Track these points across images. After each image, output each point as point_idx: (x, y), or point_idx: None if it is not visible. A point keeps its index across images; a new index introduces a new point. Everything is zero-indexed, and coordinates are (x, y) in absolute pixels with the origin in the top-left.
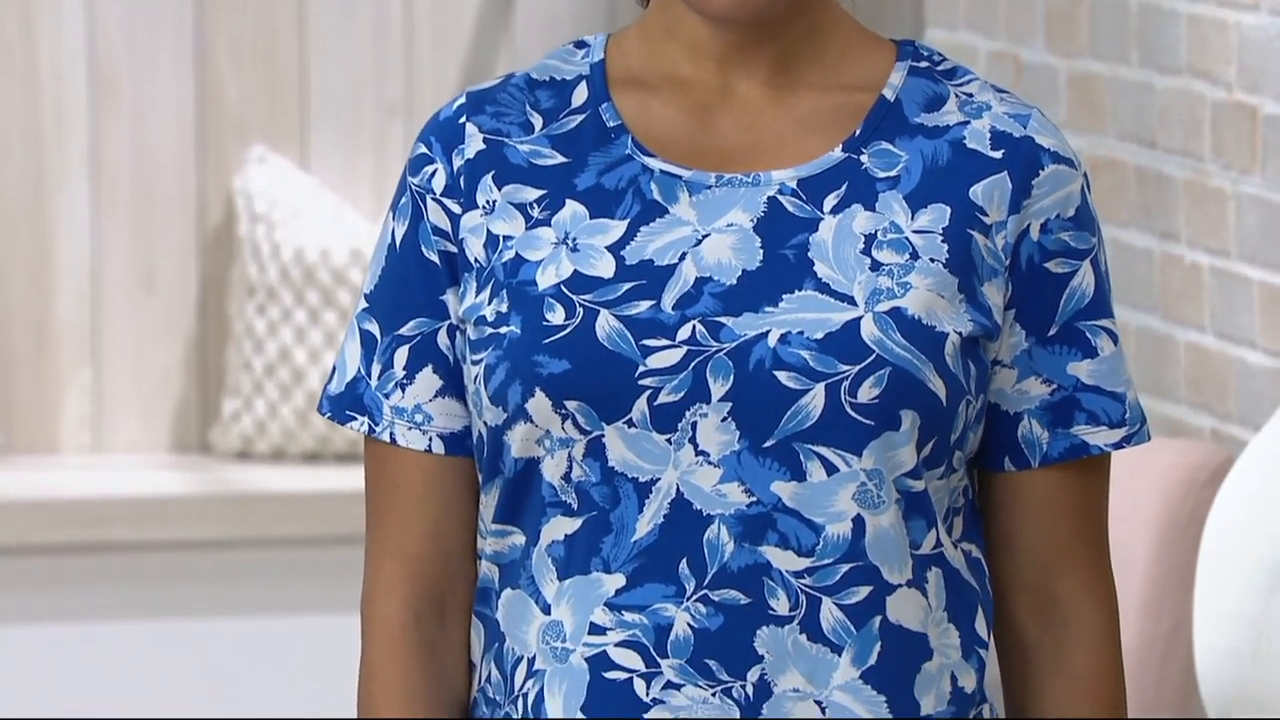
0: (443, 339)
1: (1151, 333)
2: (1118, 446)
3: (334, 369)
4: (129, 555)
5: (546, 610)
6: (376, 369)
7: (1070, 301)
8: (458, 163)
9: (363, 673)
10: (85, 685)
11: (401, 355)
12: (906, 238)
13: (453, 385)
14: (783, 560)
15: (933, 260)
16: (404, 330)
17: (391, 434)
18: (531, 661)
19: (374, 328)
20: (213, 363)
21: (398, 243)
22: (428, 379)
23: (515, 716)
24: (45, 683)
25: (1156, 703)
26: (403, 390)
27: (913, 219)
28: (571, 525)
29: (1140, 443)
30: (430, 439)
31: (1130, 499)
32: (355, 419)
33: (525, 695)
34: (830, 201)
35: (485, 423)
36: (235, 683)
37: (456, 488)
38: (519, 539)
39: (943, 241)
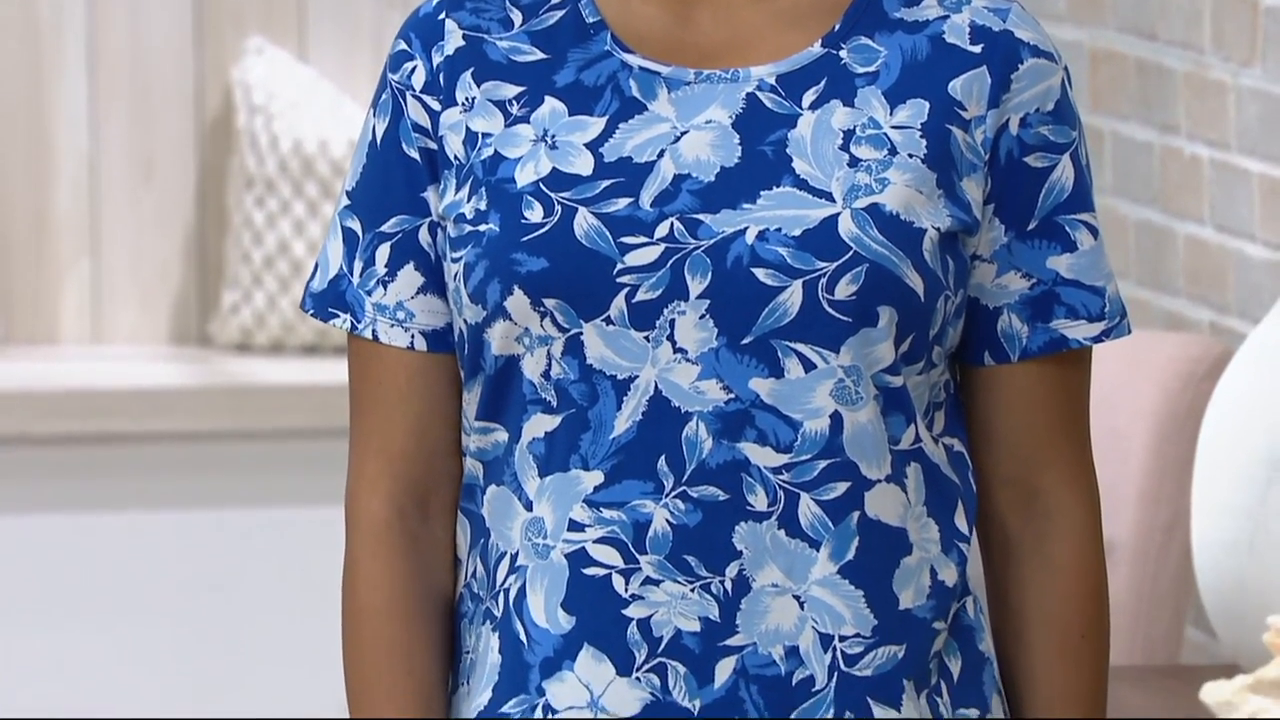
0: (424, 236)
1: (1151, 226)
2: (1097, 340)
3: (316, 266)
4: (128, 446)
5: (529, 507)
6: (358, 266)
7: (1050, 196)
8: (437, 59)
9: (346, 568)
10: (83, 575)
11: (383, 252)
12: (885, 133)
13: (434, 282)
14: (761, 456)
15: (911, 156)
16: (385, 227)
17: (374, 331)
18: (514, 557)
19: (356, 225)
20: (211, 254)
21: (378, 140)
22: (409, 276)
23: (496, 612)
24: (43, 572)
25: (1154, 594)
26: (384, 287)
27: (891, 114)
28: (551, 423)
29: (1120, 336)
30: (412, 336)
31: (1129, 392)
32: (338, 316)
33: (507, 591)
34: (809, 97)
35: (465, 320)
36: (233, 573)
37: (439, 384)
38: (502, 436)
39: (921, 137)
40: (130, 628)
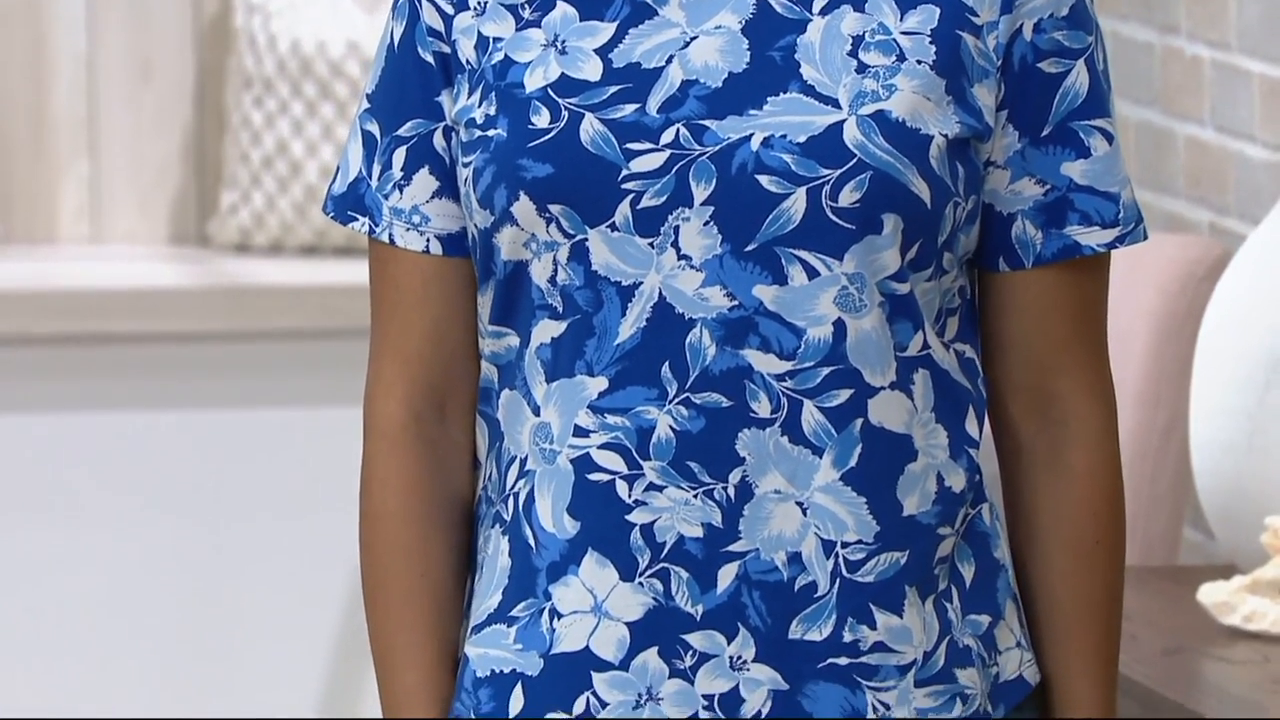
0: (439, 140)
1: (1151, 127)
2: (1111, 246)
3: (338, 169)
4: (126, 346)
5: (536, 412)
6: (376, 169)
7: (1064, 101)
8: None
9: (363, 471)
10: (82, 475)
11: (399, 156)
12: (894, 39)
13: (449, 186)
14: (764, 363)
15: (919, 62)
16: (402, 131)
17: (390, 235)
18: (523, 462)
19: (374, 128)
20: (210, 155)
21: (396, 43)
22: (424, 180)
23: (505, 516)
24: (41, 472)
25: (1152, 495)
26: (400, 191)
27: (901, 20)
28: (557, 328)
29: (1135, 242)
30: (428, 240)
31: (1128, 293)
32: (356, 219)
33: (516, 495)
34: (819, 2)
35: (476, 225)
36: (231, 475)
37: (455, 288)
38: (513, 340)
39: (931, 43)
40: (128, 527)
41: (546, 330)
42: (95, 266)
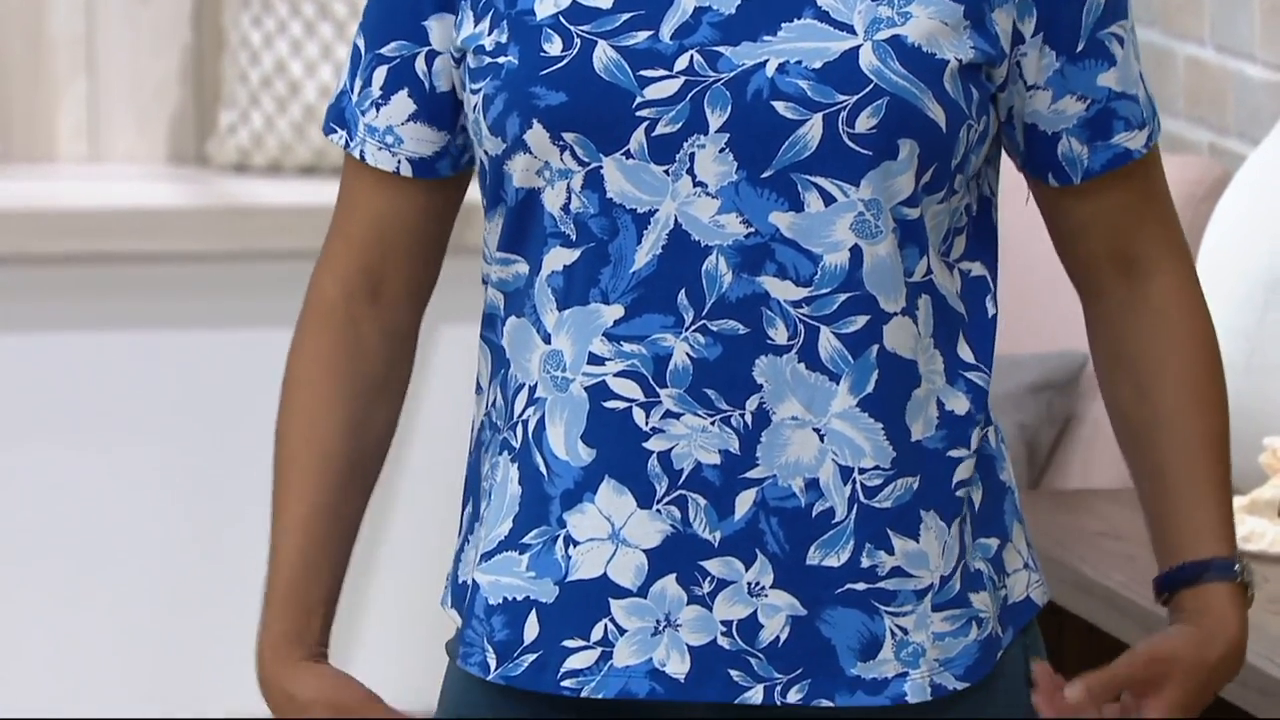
0: (420, 65)
1: (1151, 46)
2: (1146, 146)
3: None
4: (125, 266)
5: (547, 339)
6: (358, 85)
7: (1090, 14)
8: None
9: (292, 339)
10: (80, 395)
11: (380, 75)
12: None
13: (426, 111)
14: (781, 290)
15: None
16: (385, 50)
17: (362, 152)
18: (533, 389)
19: (361, 44)
20: (209, 74)
21: None
22: (402, 102)
23: (514, 443)
24: (40, 391)
25: None
26: (377, 110)
27: None
28: (570, 256)
29: (1157, 136)
30: (399, 161)
31: None
32: (336, 132)
33: (525, 422)
34: None
35: (486, 152)
36: (228, 394)
37: (415, 204)
38: (522, 268)
39: None
40: (126, 447)
41: (558, 258)
42: (93, 186)
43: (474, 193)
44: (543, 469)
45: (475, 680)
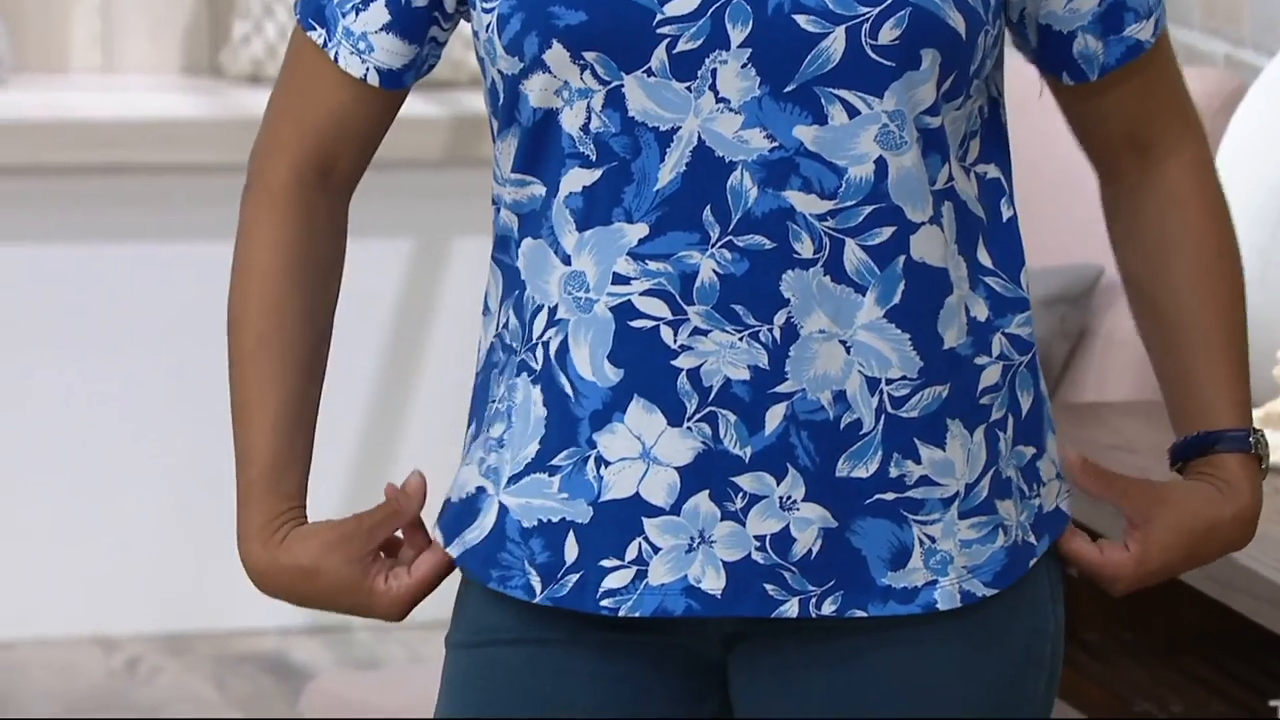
0: None
1: None
2: (1155, 35)
3: None
4: (138, 177)
5: (566, 261)
6: None
7: None
8: None
9: (241, 223)
10: (92, 306)
11: None
12: None
13: (400, 24)
14: (806, 204)
15: None
16: None
17: (336, 54)
18: (553, 311)
19: None
20: None
21: None
22: (379, 11)
23: (534, 365)
24: (52, 303)
25: None
26: (356, 14)
27: None
28: (590, 176)
29: (1164, 23)
30: (368, 69)
31: None
32: (315, 30)
33: (546, 344)
34: None
35: (500, 71)
36: None
37: (374, 110)
38: (538, 189)
39: None
40: (139, 359)
41: (578, 179)
42: (107, 97)
43: (482, 107)
44: (568, 390)
45: (494, 596)
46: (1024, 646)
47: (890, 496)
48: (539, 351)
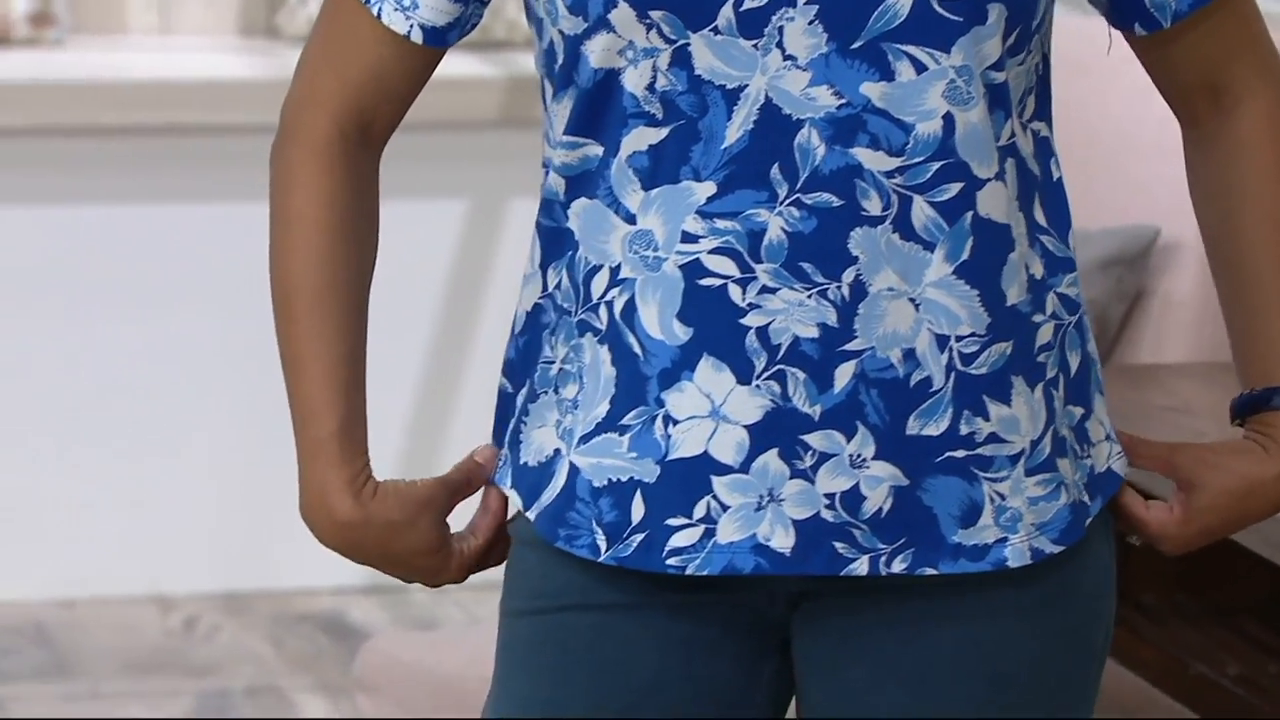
0: None
1: None
2: None
3: None
4: (195, 138)
5: (631, 220)
6: None
7: None
8: None
9: (281, 176)
10: (151, 266)
11: None
12: None
13: None
14: (874, 161)
15: None
16: None
17: (379, 10)
18: (615, 270)
19: None
20: None
21: None
22: None
23: (598, 325)
24: (110, 263)
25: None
26: None
27: None
28: (656, 135)
29: None
30: (412, 26)
31: None
32: None
33: (610, 303)
34: None
35: (561, 31)
36: None
37: (415, 65)
38: (595, 150)
39: None
40: (196, 318)
41: (642, 138)
42: (164, 58)
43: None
44: (637, 349)
45: (562, 560)
46: (1086, 603)
47: (961, 454)
48: (602, 311)
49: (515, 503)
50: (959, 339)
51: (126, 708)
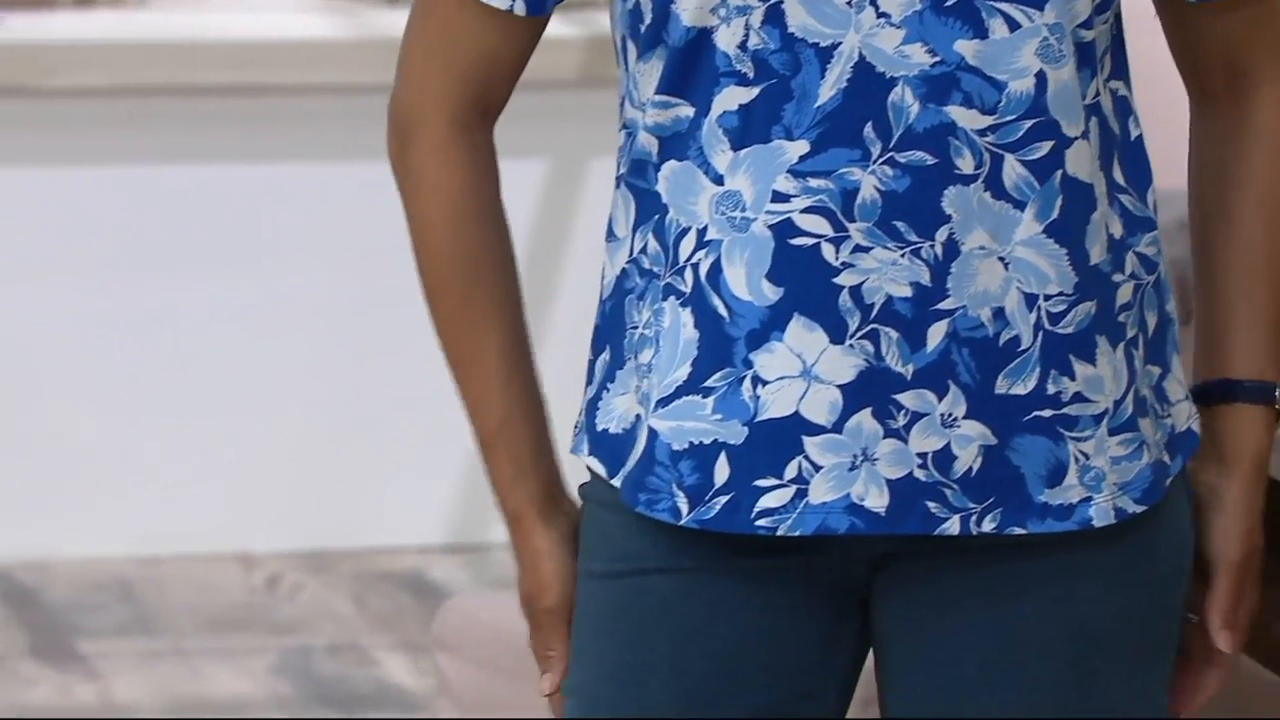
0: None
1: None
2: None
3: None
4: (277, 98)
5: (718, 181)
6: None
7: None
8: None
9: (408, 177)
10: (234, 225)
11: None
12: None
13: None
14: (967, 119)
15: None
16: None
17: None
18: (702, 232)
19: None
20: None
21: None
22: None
23: (682, 288)
24: (191, 222)
25: None
26: None
27: None
28: (747, 94)
29: None
30: (514, 0)
31: None
32: None
33: (695, 265)
34: None
35: None
36: (384, 224)
37: (520, 37)
38: (685, 110)
39: None
40: (281, 277)
41: (733, 97)
42: (244, 18)
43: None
44: (722, 311)
45: (640, 524)
46: (1169, 562)
47: (1047, 413)
48: (688, 274)
49: (594, 468)
50: (1047, 298)
51: (209, 665)
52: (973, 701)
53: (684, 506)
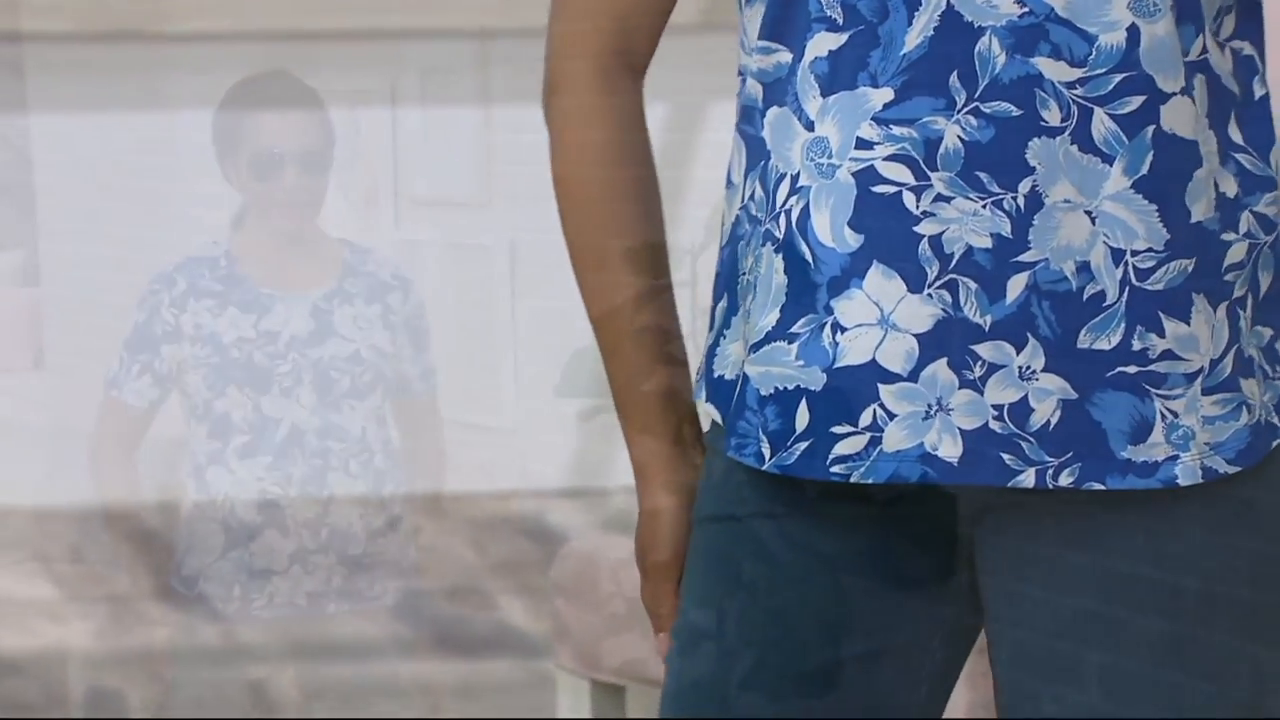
0: None
1: None
2: None
3: None
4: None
5: (810, 127)
6: None
7: None
8: None
9: (553, 134)
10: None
11: None
12: None
13: None
14: (1055, 71)
15: None
16: None
17: None
18: (795, 178)
19: None
20: None
21: None
22: None
23: (777, 234)
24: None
25: None
26: None
27: None
28: (836, 40)
29: None
30: None
31: None
32: None
33: (788, 212)
34: None
35: None
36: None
37: None
38: (784, 56)
39: None
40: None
41: (823, 43)
42: None
43: None
44: (808, 257)
45: (741, 470)
46: (1272, 525)
47: (1133, 369)
48: (781, 220)
49: (708, 411)
50: (1135, 253)
51: (329, 606)
52: (1068, 656)
53: (766, 451)
